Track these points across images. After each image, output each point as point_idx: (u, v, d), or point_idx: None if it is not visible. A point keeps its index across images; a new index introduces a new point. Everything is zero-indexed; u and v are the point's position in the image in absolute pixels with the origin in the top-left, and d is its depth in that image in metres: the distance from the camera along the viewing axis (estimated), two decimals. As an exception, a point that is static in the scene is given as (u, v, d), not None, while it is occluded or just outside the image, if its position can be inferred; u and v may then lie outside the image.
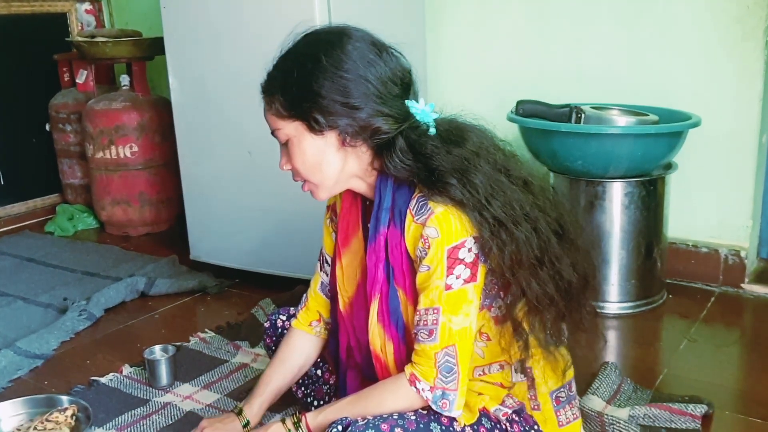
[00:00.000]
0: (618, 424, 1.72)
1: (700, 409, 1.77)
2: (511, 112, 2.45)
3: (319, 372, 1.63)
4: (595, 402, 1.83)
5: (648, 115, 2.37)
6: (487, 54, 2.86)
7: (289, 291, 2.51)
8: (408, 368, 1.30)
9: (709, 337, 2.25)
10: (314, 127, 1.29)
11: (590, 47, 2.67)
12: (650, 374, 2.02)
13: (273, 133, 1.35)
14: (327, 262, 1.57)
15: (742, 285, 2.54)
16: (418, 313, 1.30)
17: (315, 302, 1.59)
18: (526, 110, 2.40)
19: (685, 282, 2.62)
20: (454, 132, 1.33)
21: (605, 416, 1.74)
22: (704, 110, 2.42)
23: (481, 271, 1.28)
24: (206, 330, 2.32)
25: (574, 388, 1.50)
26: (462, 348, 1.28)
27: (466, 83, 2.94)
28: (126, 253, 3.12)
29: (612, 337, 2.29)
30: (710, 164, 2.53)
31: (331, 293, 1.54)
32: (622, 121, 2.33)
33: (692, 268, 2.61)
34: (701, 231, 2.59)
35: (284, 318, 1.69)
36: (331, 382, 1.62)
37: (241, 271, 2.71)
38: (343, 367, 1.51)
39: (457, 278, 1.26)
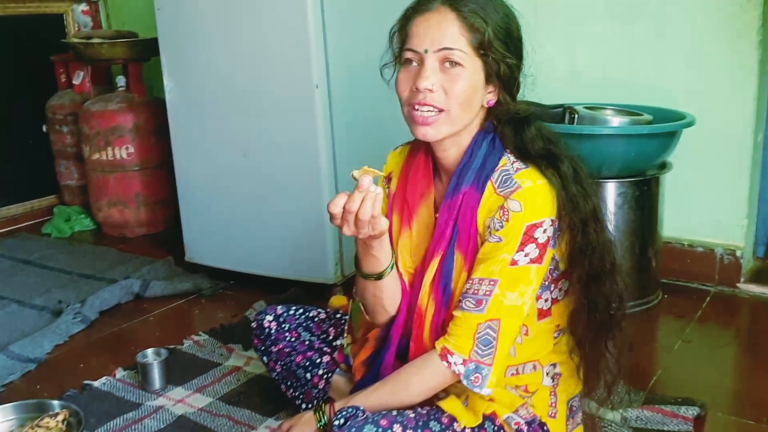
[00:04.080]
0: (611, 427, 1.71)
1: (692, 412, 1.76)
2: (505, 112, 2.43)
3: (308, 375, 1.63)
4: (589, 405, 1.83)
5: (642, 114, 2.36)
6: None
7: (283, 293, 2.51)
8: (439, 343, 1.30)
9: (704, 337, 2.25)
10: (493, 77, 1.31)
11: (584, 46, 2.66)
12: (644, 375, 2.01)
13: (442, 50, 1.28)
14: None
15: (738, 284, 2.53)
16: (470, 281, 1.30)
17: None
18: (519, 110, 2.39)
19: (680, 282, 2.61)
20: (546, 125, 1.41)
21: (598, 419, 1.74)
22: (699, 109, 2.41)
23: (548, 254, 1.29)
24: (200, 333, 2.32)
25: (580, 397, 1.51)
26: (506, 325, 1.28)
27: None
28: (122, 255, 3.12)
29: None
30: (706, 163, 2.52)
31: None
32: (615, 121, 2.33)
33: (688, 267, 2.60)
34: (697, 230, 2.58)
35: (270, 318, 1.68)
36: (320, 386, 1.62)
37: (236, 273, 2.71)
38: (389, 345, 1.43)
39: (525, 256, 1.27)
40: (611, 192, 2.34)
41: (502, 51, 1.29)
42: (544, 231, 1.27)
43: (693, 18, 2.45)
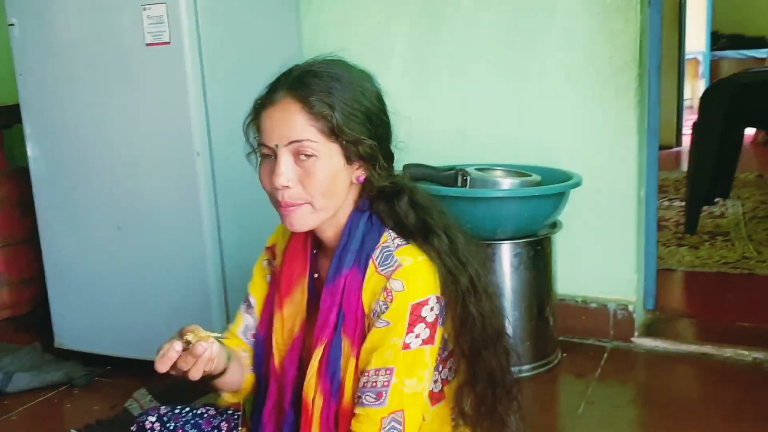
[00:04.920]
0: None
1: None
2: (397, 175, 2.38)
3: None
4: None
5: (531, 175, 2.37)
6: (368, 115, 2.80)
7: (167, 378, 2.30)
8: None
9: (606, 396, 2.23)
10: (352, 157, 1.21)
11: (471, 107, 2.66)
12: (552, 443, 1.96)
13: (291, 143, 1.19)
14: (251, 305, 1.42)
15: (632, 339, 2.55)
16: (366, 374, 1.20)
17: (234, 343, 1.43)
18: (413, 174, 2.34)
19: (577, 338, 2.61)
20: (425, 192, 1.33)
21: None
22: (584, 167, 2.44)
23: (438, 333, 1.21)
24: (73, 431, 2.08)
25: None
26: (410, 415, 1.19)
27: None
28: (-19, 343, 2.80)
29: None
30: (593, 220, 2.55)
31: (265, 349, 1.39)
32: (506, 183, 2.32)
33: (583, 324, 2.60)
34: (589, 287, 2.60)
35: (153, 419, 1.50)
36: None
37: (113, 357, 2.48)
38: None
39: (416, 337, 1.18)
40: (507, 253, 2.31)
41: (357, 132, 1.21)
42: (431, 309, 1.20)
43: (574, 79, 2.50)
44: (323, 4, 2.81)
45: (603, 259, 2.57)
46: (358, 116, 1.21)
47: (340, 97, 1.20)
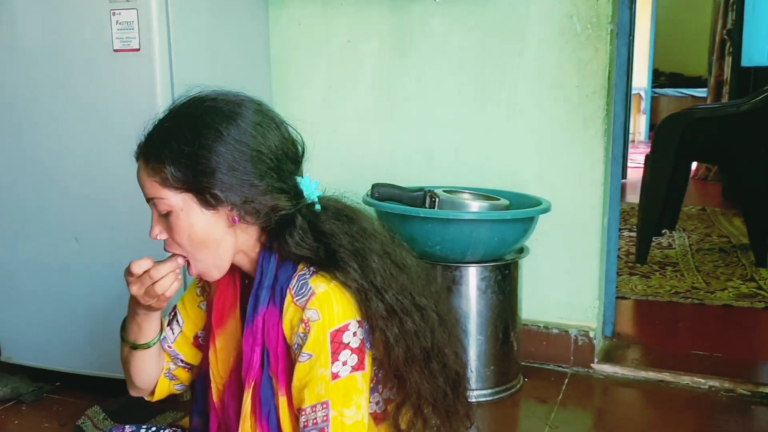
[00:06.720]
0: None
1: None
2: (367, 194, 2.37)
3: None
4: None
5: (499, 199, 2.38)
6: (336, 135, 2.78)
7: (121, 396, 2.21)
8: None
9: (569, 422, 2.23)
10: (208, 202, 1.17)
11: (439, 129, 2.67)
12: (518, 469, 1.95)
13: (150, 200, 1.20)
14: (178, 322, 1.42)
15: (592, 365, 2.58)
16: (303, 413, 1.16)
17: None
18: (381, 193, 2.34)
19: (537, 364, 2.62)
20: (343, 211, 1.27)
21: None
22: (550, 194, 2.47)
23: (368, 357, 1.18)
24: (21, 449, 1.99)
25: None
26: None
27: (317, 166, 2.80)
28: None
29: (472, 428, 2.22)
30: (558, 246, 2.57)
31: (204, 379, 1.37)
32: (475, 206, 2.32)
33: (544, 349, 2.62)
34: (552, 312, 2.62)
35: (122, 437, 1.44)
36: None
37: (64, 373, 2.37)
38: None
39: (343, 365, 1.15)
40: (474, 277, 2.31)
41: (203, 177, 1.16)
42: (354, 334, 1.17)
43: (542, 106, 2.53)
44: (292, 20, 2.79)
45: (566, 285, 2.59)
46: (199, 161, 1.15)
47: (175, 146, 1.16)
